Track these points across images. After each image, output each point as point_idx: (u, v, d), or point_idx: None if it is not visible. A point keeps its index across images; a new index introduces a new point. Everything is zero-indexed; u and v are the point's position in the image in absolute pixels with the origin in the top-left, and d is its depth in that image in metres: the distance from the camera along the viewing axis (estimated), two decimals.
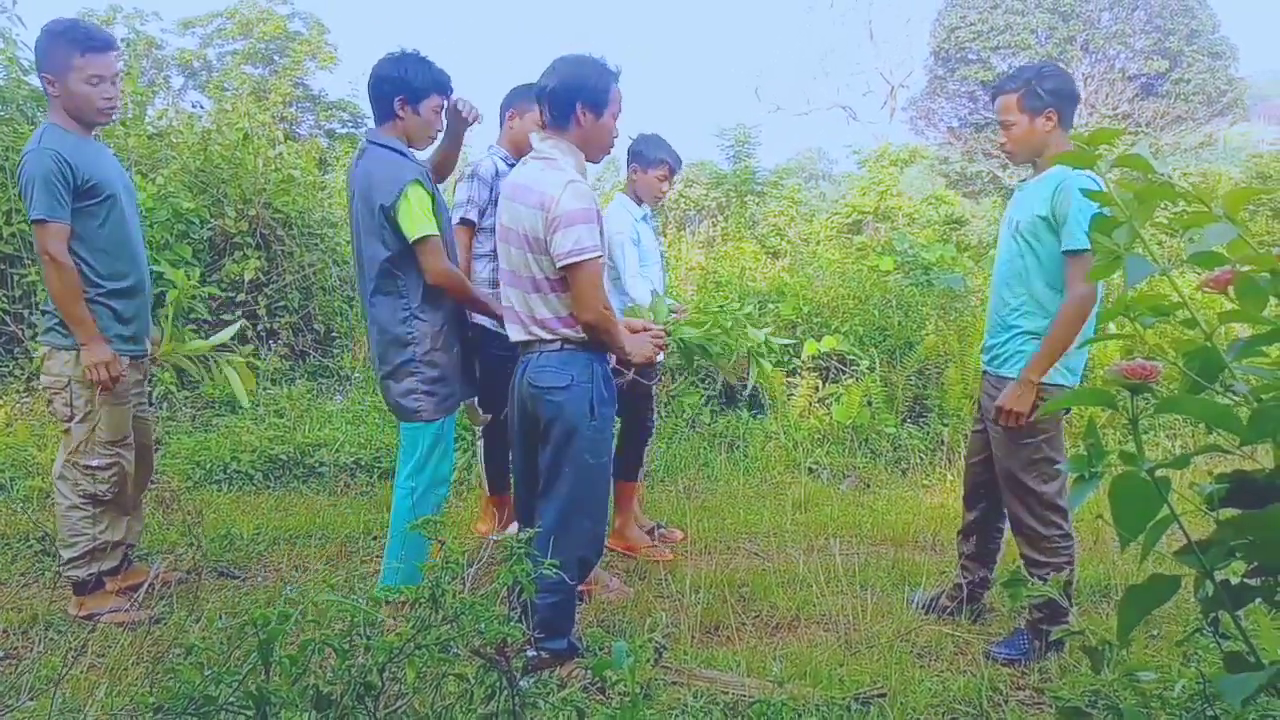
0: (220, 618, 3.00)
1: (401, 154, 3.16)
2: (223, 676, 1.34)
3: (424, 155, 3.39)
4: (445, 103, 3.28)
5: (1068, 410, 3.21)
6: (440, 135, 3.38)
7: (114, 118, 3.41)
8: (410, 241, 3.05)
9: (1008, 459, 3.20)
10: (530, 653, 1.66)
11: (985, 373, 3.32)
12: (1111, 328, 1.40)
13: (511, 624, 1.53)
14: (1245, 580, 1.11)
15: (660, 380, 3.33)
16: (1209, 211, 1.25)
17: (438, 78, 3.21)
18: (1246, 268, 1.17)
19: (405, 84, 3.14)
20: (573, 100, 2.82)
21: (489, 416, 3.70)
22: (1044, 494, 3.14)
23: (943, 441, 6.25)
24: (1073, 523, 3.23)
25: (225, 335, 3.92)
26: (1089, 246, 2.90)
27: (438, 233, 3.09)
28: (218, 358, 3.87)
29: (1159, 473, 1.01)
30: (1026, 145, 3.17)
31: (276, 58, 17.16)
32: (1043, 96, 3.09)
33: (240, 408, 5.91)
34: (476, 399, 3.55)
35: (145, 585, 3.28)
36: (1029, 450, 3.14)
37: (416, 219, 3.03)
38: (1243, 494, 1.11)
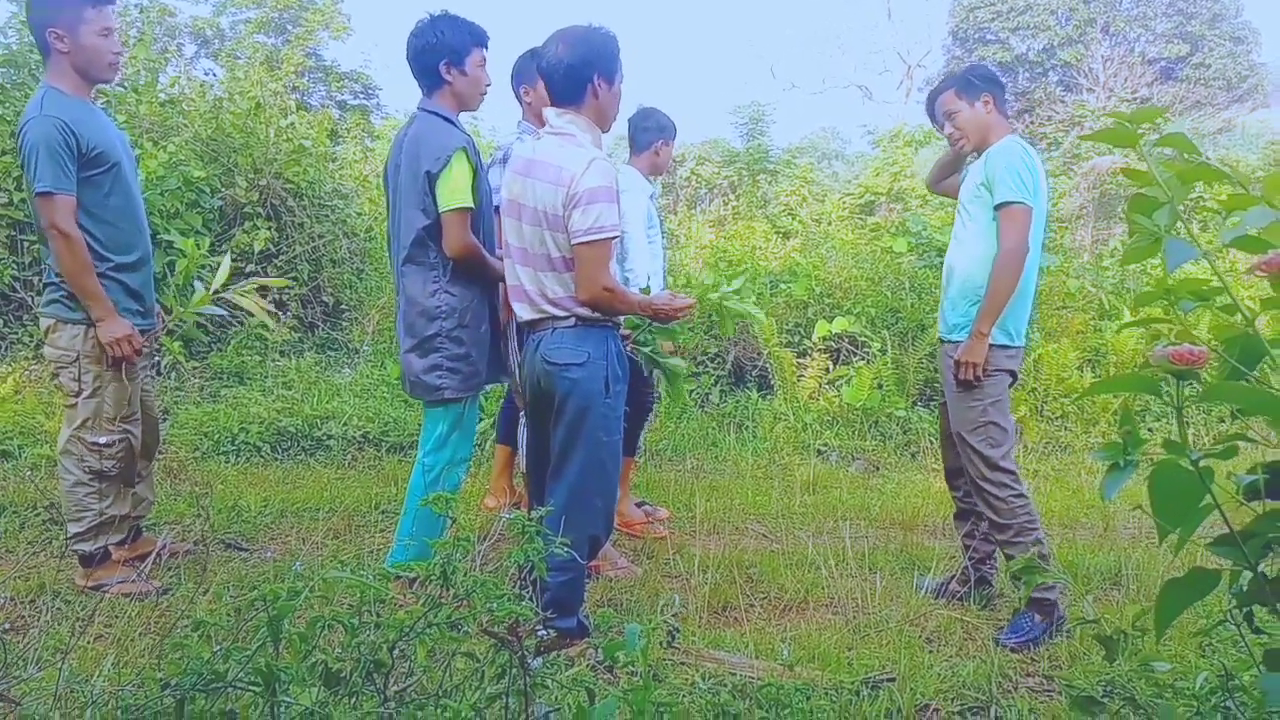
0: (228, 591, 3.00)
1: (451, 122, 3.13)
2: (232, 652, 1.32)
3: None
4: (485, 55, 3.23)
5: (1014, 378, 3.37)
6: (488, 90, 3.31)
7: (118, 75, 3.35)
8: (441, 211, 3.01)
9: (958, 423, 3.33)
10: (540, 631, 1.64)
11: (942, 341, 3.48)
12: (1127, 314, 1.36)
13: (523, 603, 1.50)
14: None
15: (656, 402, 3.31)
16: (1249, 194, 1.21)
17: (473, 31, 3.17)
18: None
19: (446, 46, 3.11)
20: (590, 74, 2.76)
21: None
22: (990, 457, 3.25)
23: None
24: (1027, 485, 3.36)
25: (221, 277, 3.64)
26: (1016, 199, 3.13)
27: (471, 206, 3.05)
28: (235, 288, 3.72)
29: (1202, 462, 0.97)
30: (974, 126, 3.35)
31: (289, 27, 17.05)
32: (975, 83, 3.34)
33: (248, 380, 5.90)
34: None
35: (152, 556, 3.27)
36: (975, 412, 3.27)
37: (455, 189, 3.00)
38: None
